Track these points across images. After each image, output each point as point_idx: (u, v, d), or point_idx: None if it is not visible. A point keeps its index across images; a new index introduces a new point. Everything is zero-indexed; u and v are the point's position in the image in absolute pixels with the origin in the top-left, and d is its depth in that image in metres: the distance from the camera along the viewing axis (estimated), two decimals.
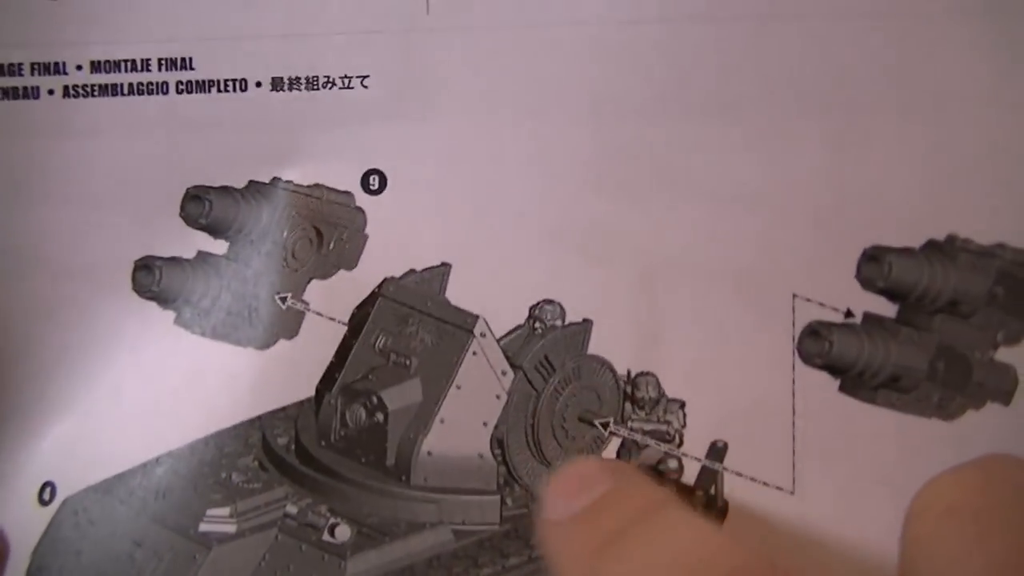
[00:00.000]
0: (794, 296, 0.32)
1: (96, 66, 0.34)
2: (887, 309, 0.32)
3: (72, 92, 0.34)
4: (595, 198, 0.32)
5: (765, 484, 0.31)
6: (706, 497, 0.32)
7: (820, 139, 0.31)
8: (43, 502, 0.34)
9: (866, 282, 0.31)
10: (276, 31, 0.33)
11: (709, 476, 0.32)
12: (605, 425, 0.33)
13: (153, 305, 0.34)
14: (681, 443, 0.32)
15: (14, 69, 0.34)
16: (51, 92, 0.34)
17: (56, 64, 0.34)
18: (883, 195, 0.31)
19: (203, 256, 0.34)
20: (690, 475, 0.32)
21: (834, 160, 0.31)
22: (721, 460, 0.32)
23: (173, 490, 0.33)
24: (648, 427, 0.32)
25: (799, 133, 0.32)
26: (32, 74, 0.34)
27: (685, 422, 0.32)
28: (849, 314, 0.31)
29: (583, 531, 0.26)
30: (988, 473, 0.23)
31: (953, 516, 0.22)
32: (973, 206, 0.31)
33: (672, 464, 0.32)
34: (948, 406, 0.31)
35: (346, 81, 0.33)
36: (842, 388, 0.32)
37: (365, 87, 0.33)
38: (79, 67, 0.34)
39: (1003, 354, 0.31)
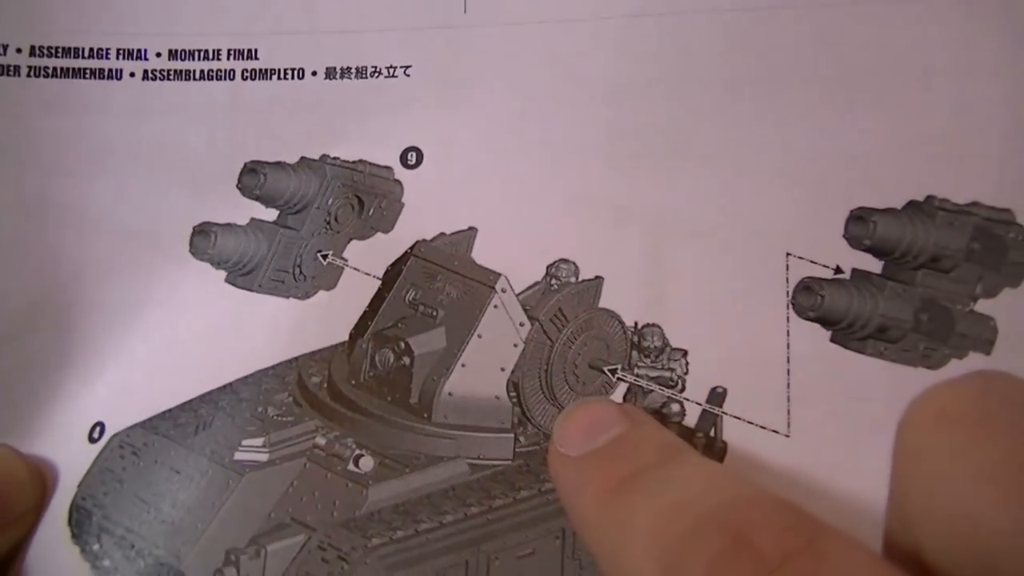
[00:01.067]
0: (787, 255, 0.34)
1: (173, 54, 0.38)
2: (874, 266, 0.34)
3: (151, 76, 0.39)
4: (608, 169, 0.36)
5: (762, 427, 0.33)
6: (706, 439, 0.34)
7: (813, 113, 0.35)
8: (92, 440, 0.37)
9: (853, 240, 0.34)
10: (332, 28, 0.38)
11: (709, 419, 0.34)
12: (613, 372, 0.35)
13: (207, 266, 0.38)
14: (683, 389, 0.34)
15: (102, 52, 0.39)
16: (132, 75, 0.39)
17: (139, 50, 0.39)
18: (870, 161, 0.34)
19: (255, 222, 0.38)
20: (691, 419, 0.34)
21: (825, 131, 0.34)
22: (720, 405, 0.34)
23: (213, 423, 0.36)
24: (653, 374, 0.35)
25: (794, 108, 0.35)
26: (117, 58, 0.39)
27: (687, 369, 0.34)
28: (839, 271, 0.34)
29: (600, 470, 0.28)
30: (981, 383, 0.23)
31: (945, 422, 0.22)
32: (951, 169, 0.34)
33: (675, 408, 0.34)
34: (933, 355, 0.33)
35: (391, 71, 0.38)
36: (833, 339, 0.34)
37: (407, 76, 0.38)
38: (158, 54, 0.38)
39: (983, 306, 0.33)
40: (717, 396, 0.34)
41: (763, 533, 0.23)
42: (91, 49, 0.39)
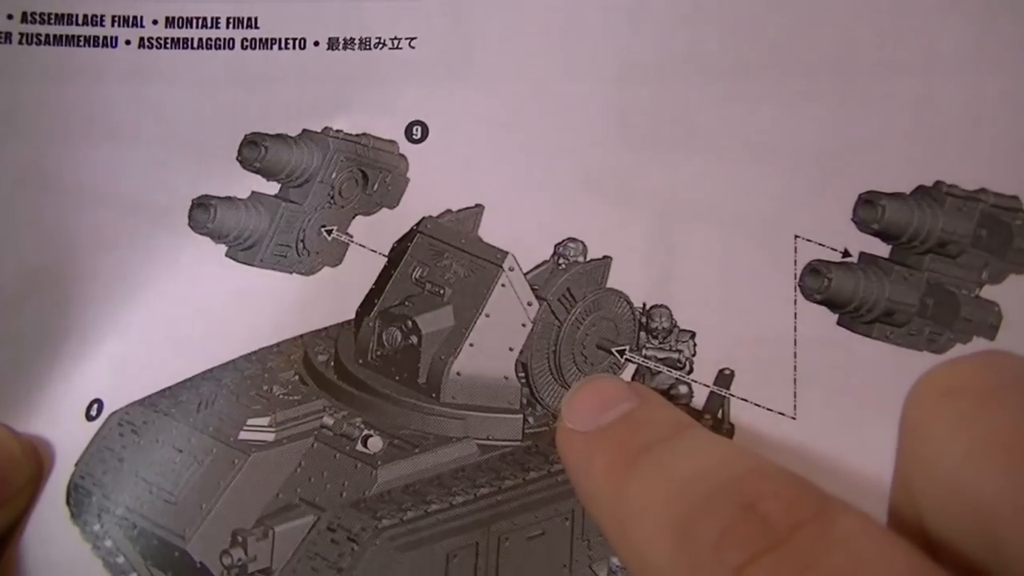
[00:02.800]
0: (796, 237, 0.35)
1: (170, 21, 0.37)
2: (881, 250, 0.34)
3: (147, 44, 0.37)
4: (617, 147, 0.35)
5: (769, 409, 0.34)
6: (713, 420, 0.34)
7: (822, 95, 0.34)
8: (90, 418, 0.36)
9: (861, 224, 0.34)
10: None
11: (716, 401, 0.34)
12: (621, 352, 0.35)
13: (207, 240, 0.37)
14: (691, 370, 0.34)
15: (96, 19, 0.37)
16: (128, 43, 0.37)
17: (134, 17, 0.37)
18: (878, 145, 0.34)
19: (256, 196, 0.37)
20: (698, 400, 0.34)
21: (834, 114, 0.34)
22: (728, 387, 0.34)
23: (216, 401, 0.35)
24: (661, 355, 0.35)
25: (803, 90, 0.35)
26: (112, 25, 0.37)
27: (695, 351, 0.34)
28: (846, 254, 0.34)
29: (610, 444, 0.28)
30: (988, 360, 0.24)
31: (951, 396, 0.23)
32: (958, 154, 0.34)
33: (682, 390, 0.34)
34: (938, 340, 0.34)
35: (395, 42, 0.37)
36: (840, 322, 0.34)
37: (412, 48, 0.37)
38: (155, 21, 0.37)
39: (988, 291, 0.34)
40: (724, 378, 0.34)
41: (773, 503, 0.23)
42: (85, 16, 0.37)
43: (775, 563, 0.22)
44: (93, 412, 0.36)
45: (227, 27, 0.37)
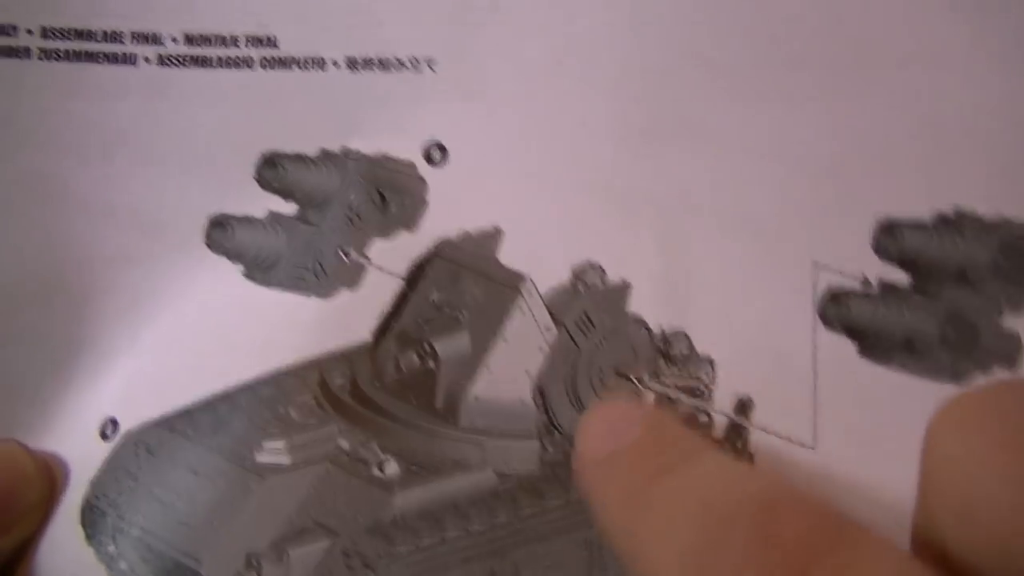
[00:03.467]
0: (814, 263, 0.34)
1: (189, 39, 0.37)
2: (900, 277, 0.34)
3: (166, 61, 0.37)
4: (638, 170, 0.36)
5: (788, 439, 0.34)
6: (733, 450, 0.34)
7: (831, 98, 0.35)
8: (105, 437, 0.36)
9: (881, 252, 0.34)
10: (355, 17, 0.37)
11: (736, 431, 0.34)
12: (640, 380, 0.35)
13: (224, 260, 0.37)
14: (710, 398, 0.34)
15: (115, 36, 0.37)
16: (147, 60, 0.37)
17: (154, 34, 0.37)
18: (894, 157, 0.34)
19: (274, 216, 0.37)
20: (717, 431, 0.34)
21: (845, 121, 0.35)
22: (747, 416, 0.34)
23: (232, 423, 0.35)
24: (680, 383, 0.35)
25: (811, 95, 0.35)
26: (132, 42, 0.37)
27: (714, 378, 0.34)
28: (866, 281, 0.34)
29: (623, 471, 0.28)
30: (1010, 387, 0.23)
31: (973, 421, 0.23)
32: (977, 170, 0.34)
33: (702, 419, 0.34)
34: (957, 369, 0.34)
35: (415, 63, 0.37)
36: (861, 352, 0.34)
37: (433, 71, 0.37)
38: (174, 39, 0.37)
39: (1009, 322, 0.34)
40: (743, 406, 0.34)
41: (793, 529, 0.23)
42: (104, 32, 0.37)
43: None
44: (108, 431, 0.36)
45: (246, 46, 0.37)
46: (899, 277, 0.34)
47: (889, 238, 0.34)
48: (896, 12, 0.35)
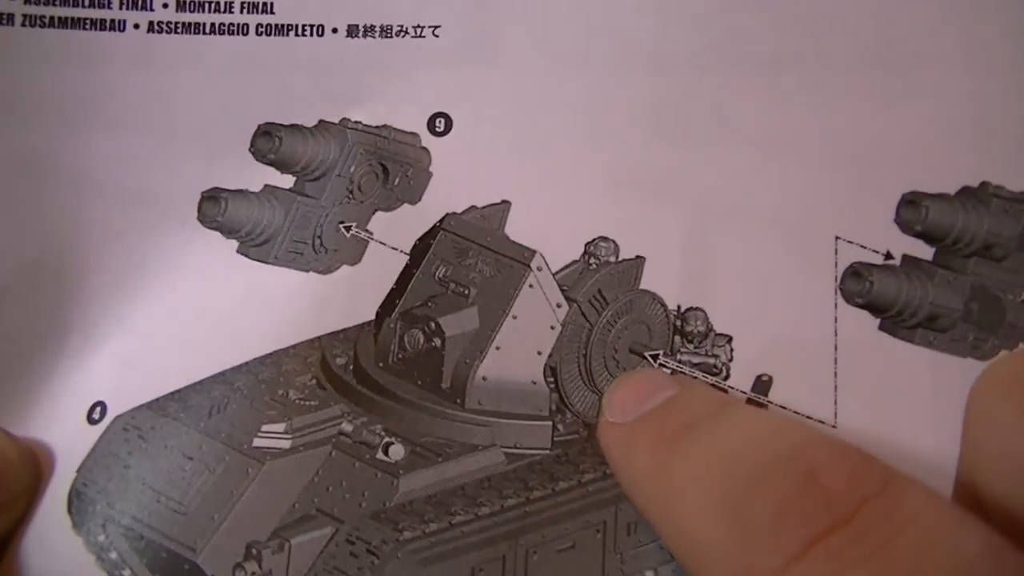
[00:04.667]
0: (836, 238, 0.33)
1: (181, 5, 0.36)
2: (924, 252, 0.33)
3: (156, 28, 0.36)
4: (650, 141, 0.34)
5: (808, 417, 0.33)
6: None
7: (863, 90, 0.33)
8: (92, 421, 0.34)
9: (904, 225, 0.33)
10: None
11: None
12: (655, 357, 0.34)
13: (217, 235, 0.35)
14: (728, 376, 0.33)
15: (103, 1, 0.36)
16: (136, 26, 0.36)
17: (144, 0, 0.36)
18: (921, 142, 0.33)
19: (270, 189, 0.36)
20: None
21: (876, 110, 0.33)
22: (766, 393, 0.33)
23: (228, 406, 0.33)
24: (696, 360, 0.33)
25: (844, 84, 0.33)
26: (120, 8, 0.36)
27: (732, 356, 0.33)
28: (889, 256, 0.33)
29: (652, 427, 0.27)
30: None
31: (1017, 384, 0.23)
32: (1003, 151, 0.33)
33: None
34: (982, 346, 0.33)
35: (418, 30, 0.35)
36: (882, 327, 0.33)
37: (436, 36, 0.35)
38: (165, 4, 0.36)
39: None
40: (763, 384, 0.33)
41: (834, 476, 0.22)
42: None
43: (841, 544, 0.21)
44: (96, 415, 0.34)
45: (241, 12, 0.36)
46: (923, 251, 0.33)
47: (913, 211, 0.33)
48: (933, 8, 0.34)
